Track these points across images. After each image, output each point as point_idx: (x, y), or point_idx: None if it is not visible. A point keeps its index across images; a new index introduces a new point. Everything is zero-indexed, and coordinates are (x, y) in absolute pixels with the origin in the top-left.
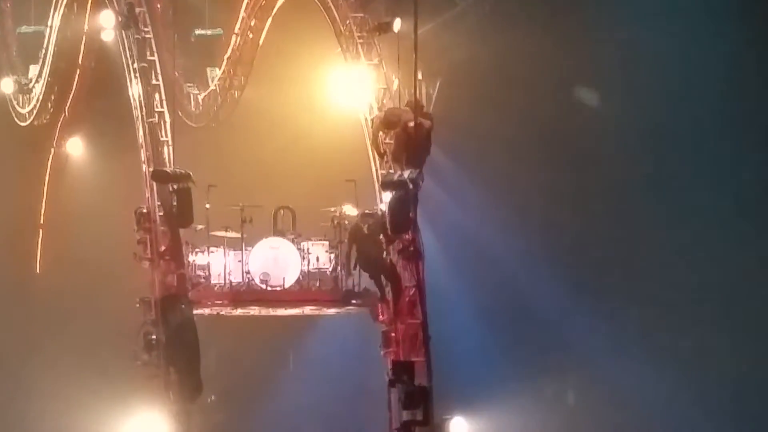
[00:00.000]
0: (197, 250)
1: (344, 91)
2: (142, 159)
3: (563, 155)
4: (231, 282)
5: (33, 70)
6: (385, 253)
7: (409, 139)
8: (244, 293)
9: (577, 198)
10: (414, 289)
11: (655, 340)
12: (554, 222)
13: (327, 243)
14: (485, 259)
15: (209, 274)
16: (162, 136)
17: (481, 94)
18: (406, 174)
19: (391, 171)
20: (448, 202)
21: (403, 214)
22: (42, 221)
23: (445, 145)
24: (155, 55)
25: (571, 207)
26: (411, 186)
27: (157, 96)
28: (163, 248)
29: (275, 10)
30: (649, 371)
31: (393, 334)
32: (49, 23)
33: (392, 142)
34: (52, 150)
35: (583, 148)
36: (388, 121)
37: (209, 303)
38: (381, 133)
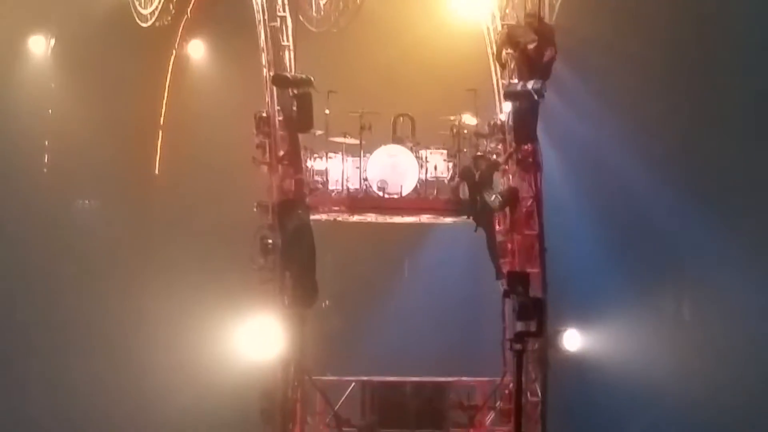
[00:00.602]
0: (315, 155)
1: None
2: (263, 63)
3: (689, 69)
4: (348, 188)
5: None
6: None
7: (529, 60)
8: (362, 200)
9: (699, 110)
10: (531, 201)
11: None
12: (674, 135)
13: (446, 152)
14: (604, 173)
15: (327, 180)
16: (283, 41)
17: (606, 4)
18: (530, 85)
19: (514, 81)
20: (568, 115)
21: (526, 125)
22: (162, 123)
23: (567, 57)
24: None
25: (694, 119)
26: (535, 97)
27: (279, 0)
28: (281, 153)
29: None
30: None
31: (509, 245)
32: None
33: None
34: (174, 52)
35: (711, 64)
36: (508, 42)
37: (326, 209)
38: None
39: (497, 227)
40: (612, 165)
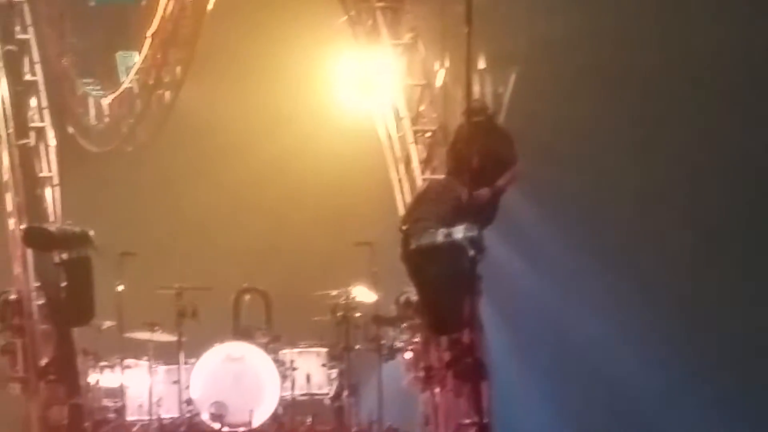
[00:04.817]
0: (104, 364)
1: (353, 91)
2: (9, 209)
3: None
4: (161, 419)
5: None
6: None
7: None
8: None
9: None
10: None
11: None
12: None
13: (325, 351)
14: (592, 371)
15: (124, 406)
16: (42, 170)
17: (579, 92)
18: (460, 233)
19: (431, 228)
20: (527, 275)
21: (455, 302)
22: None
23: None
24: (31, 32)
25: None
26: (469, 252)
27: (33, 101)
28: (44, 361)
29: None
30: None
31: None
32: None
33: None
34: None
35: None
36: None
37: None
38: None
39: None
40: (609, 356)
